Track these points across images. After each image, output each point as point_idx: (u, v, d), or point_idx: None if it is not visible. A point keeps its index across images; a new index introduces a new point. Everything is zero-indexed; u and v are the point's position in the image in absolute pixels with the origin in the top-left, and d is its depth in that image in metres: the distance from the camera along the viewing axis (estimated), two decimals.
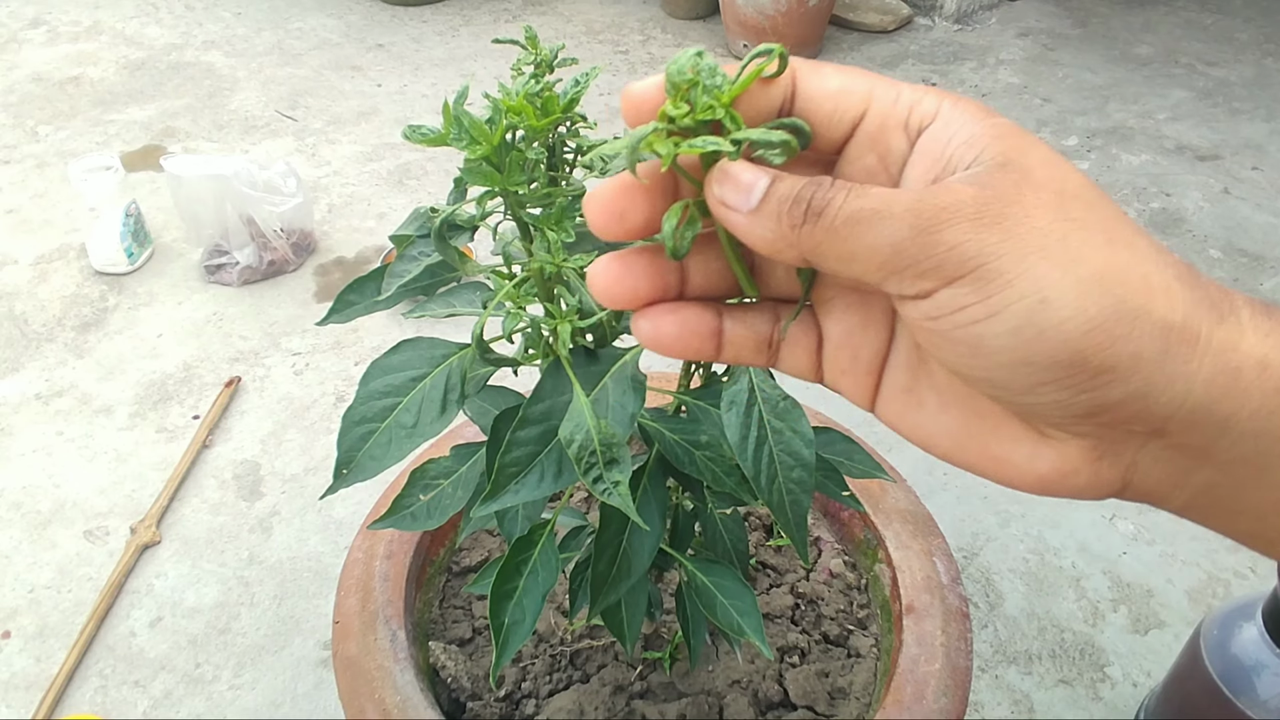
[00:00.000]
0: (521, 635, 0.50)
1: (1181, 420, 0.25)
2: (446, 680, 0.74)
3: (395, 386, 0.45)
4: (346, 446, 0.44)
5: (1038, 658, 1.09)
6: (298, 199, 1.64)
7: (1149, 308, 0.24)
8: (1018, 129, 0.27)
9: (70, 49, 2.42)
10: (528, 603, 0.50)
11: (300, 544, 1.21)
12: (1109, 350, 0.24)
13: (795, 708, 0.73)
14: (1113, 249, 0.25)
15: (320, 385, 1.44)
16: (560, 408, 0.41)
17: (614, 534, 0.50)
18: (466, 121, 0.35)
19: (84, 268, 1.67)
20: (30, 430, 1.37)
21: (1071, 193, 0.25)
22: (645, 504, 0.50)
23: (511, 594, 0.51)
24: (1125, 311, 0.24)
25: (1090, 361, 0.24)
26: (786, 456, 0.44)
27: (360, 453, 0.44)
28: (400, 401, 0.44)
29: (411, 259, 0.46)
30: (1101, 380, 0.24)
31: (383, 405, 0.44)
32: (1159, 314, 0.25)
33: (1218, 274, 1.70)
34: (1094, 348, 0.24)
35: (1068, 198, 0.25)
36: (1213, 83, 2.34)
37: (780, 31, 2.30)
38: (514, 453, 0.41)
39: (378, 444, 0.43)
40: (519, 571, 0.51)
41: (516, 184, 0.37)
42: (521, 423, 0.41)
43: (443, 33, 2.56)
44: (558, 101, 0.37)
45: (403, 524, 0.55)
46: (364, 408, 0.44)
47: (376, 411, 0.44)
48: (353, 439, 0.44)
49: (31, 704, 1.04)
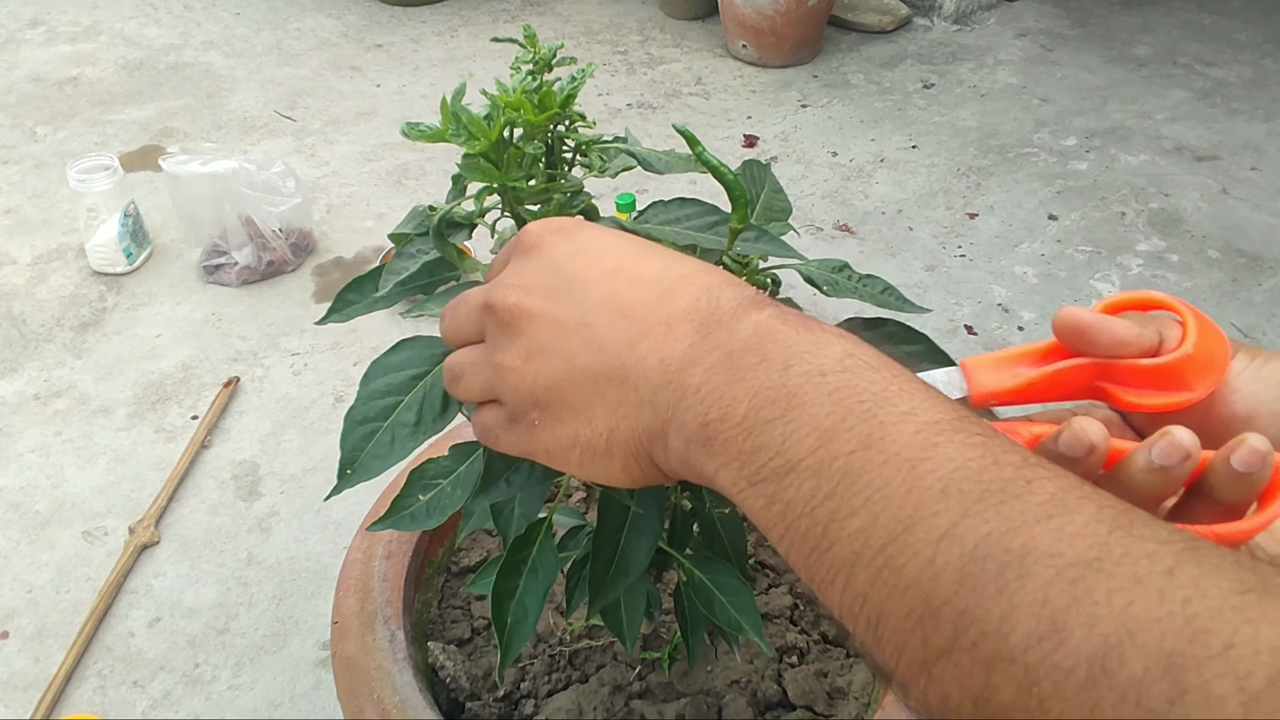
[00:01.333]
0: (525, 634, 0.49)
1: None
2: (445, 680, 0.74)
3: (396, 385, 0.44)
4: (350, 447, 0.44)
5: None
6: (296, 199, 1.64)
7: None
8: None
9: (69, 49, 2.42)
10: (529, 601, 0.50)
11: (299, 544, 1.21)
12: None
13: (794, 708, 0.73)
14: None
15: (319, 385, 1.44)
16: None
17: (612, 532, 0.50)
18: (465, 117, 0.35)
19: (82, 268, 1.67)
20: (29, 431, 1.37)
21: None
22: (643, 500, 0.50)
23: (513, 593, 0.51)
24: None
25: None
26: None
27: (364, 453, 0.44)
28: (402, 400, 0.44)
29: (410, 256, 0.45)
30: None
31: (384, 404, 0.44)
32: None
33: (1216, 274, 1.71)
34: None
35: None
36: (1211, 83, 2.34)
37: (779, 32, 2.30)
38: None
39: (381, 443, 0.43)
40: (518, 570, 0.51)
41: (515, 180, 0.37)
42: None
43: (441, 33, 2.56)
44: (555, 97, 0.37)
45: (402, 525, 0.55)
46: (365, 407, 0.44)
47: (378, 411, 0.44)
48: (355, 439, 0.44)
49: (30, 704, 1.04)
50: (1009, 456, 0.27)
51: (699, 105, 2.24)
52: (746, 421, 0.30)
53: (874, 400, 0.29)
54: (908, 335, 0.48)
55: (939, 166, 2.01)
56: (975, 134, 2.13)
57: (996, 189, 1.94)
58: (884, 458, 0.27)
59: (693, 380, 0.31)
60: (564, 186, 0.39)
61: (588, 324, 0.33)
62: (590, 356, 0.33)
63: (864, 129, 2.14)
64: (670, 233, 0.45)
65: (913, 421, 0.28)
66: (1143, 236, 1.80)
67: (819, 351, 0.30)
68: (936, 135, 2.12)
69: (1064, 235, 1.80)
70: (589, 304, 0.34)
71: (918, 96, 2.28)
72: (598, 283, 0.34)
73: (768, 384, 0.30)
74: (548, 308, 0.34)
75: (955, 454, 0.27)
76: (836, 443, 0.28)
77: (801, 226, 1.81)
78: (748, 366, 0.30)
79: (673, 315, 0.32)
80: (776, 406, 0.29)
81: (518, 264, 0.36)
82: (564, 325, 0.34)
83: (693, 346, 0.32)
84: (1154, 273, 1.71)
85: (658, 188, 1.87)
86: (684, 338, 0.32)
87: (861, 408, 0.28)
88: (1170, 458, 0.32)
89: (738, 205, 0.43)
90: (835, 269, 0.49)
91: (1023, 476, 0.26)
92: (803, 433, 0.29)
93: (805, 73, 2.38)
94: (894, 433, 0.28)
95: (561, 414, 0.34)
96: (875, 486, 0.27)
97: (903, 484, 0.27)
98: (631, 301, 0.33)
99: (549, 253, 0.35)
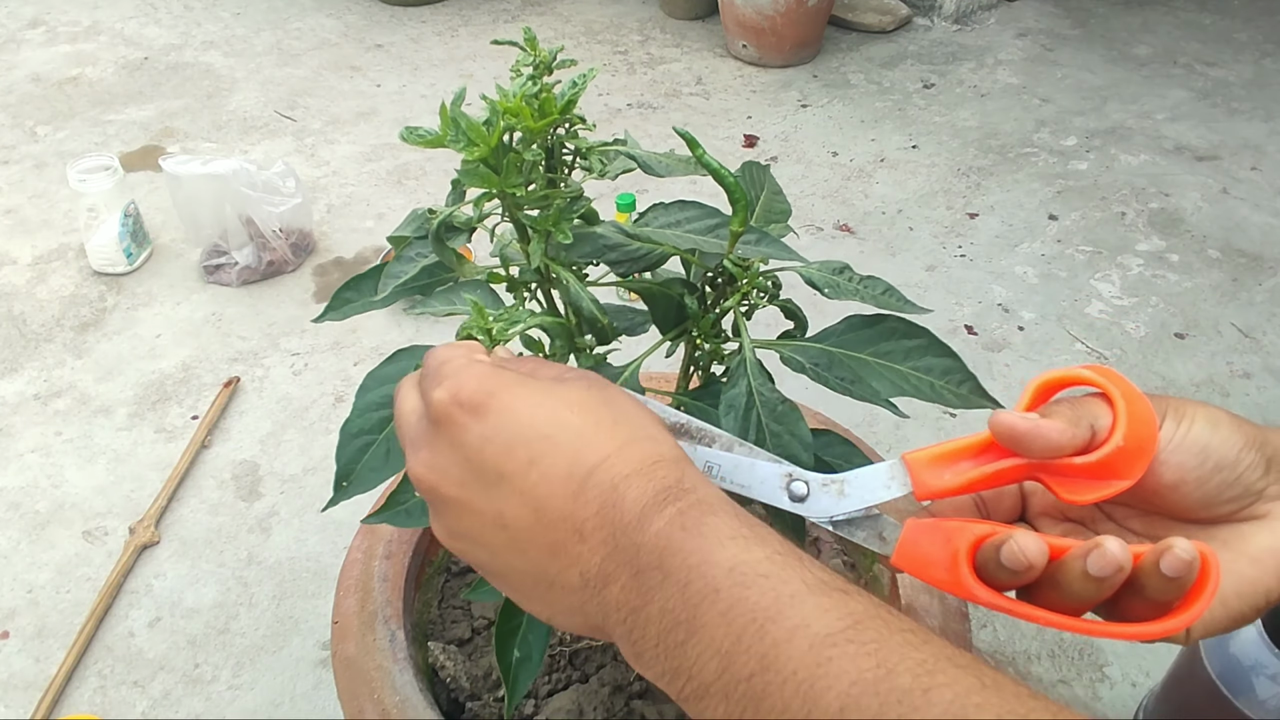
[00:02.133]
0: (530, 672, 0.49)
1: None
2: (445, 680, 0.74)
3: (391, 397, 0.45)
4: (345, 459, 0.44)
5: (1036, 658, 1.09)
6: (296, 199, 1.64)
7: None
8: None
9: (69, 49, 2.42)
10: (533, 639, 0.50)
11: (299, 544, 1.21)
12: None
13: None
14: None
15: (319, 385, 1.44)
16: None
17: None
18: (464, 123, 0.35)
19: (82, 268, 1.67)
20: (29, 430, 1.37)
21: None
22: None
23: (515, 631, 0.50)
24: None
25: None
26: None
27: (360, 465, 0.44)
28: None
29: (409, 260, 0.45)
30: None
31: (380, 417, 0.44)
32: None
33: (1216, 274, 1.71)
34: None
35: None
36: (1211, 83, 2.34)
37: (779, 32, 2.30)
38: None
39: (376, 455, 0.43)
40: (520, 609, 0.51)
41: (514, 186, 0.37)
42: None
43: (441, 33, 2.56)
44: (555, 103, 0.37)
45: (397, 520, 0.55)
46: (361, 420, 0.44)
47: (374, 423, 0.44)
48: (351, 451, 0.44)
49: (30, 704, 1.04)
50: (905, 664, 0.27)
51: (699, 105, 2.23)
52: (661, 644, 0.31)
53: (765, 616, 0.29)
54: (909, 330, 0.48)
55: (939, 166, 2.01)
56: (975, 134, 2.13)
57: (997, 189, 1.94)
58: (781, 678, 0.28)
59: (611, 598, 0.32)
60: (563, 193, 0.39)
61: (505, 526, 0.34)
62: (513, 558, 0.34)
63: (864, 129, 2.14)
64: (670, 236, 0.45)
65: (805, 636, 0.28)
66: (1143, 236, 1.80)
67: (712, 562, 0.30)
68: (937, 135, 2.12)
69: (1064, 235, 1.80)
70: (504, 503, 0.34)
71: (918, 96, 2.28)
72: (510, 479, 0.34)
73: (670, 605, 0.30)
74: (463, 497, 0.35)
75: (850, 667, 0.27)
76: (736, 666, 0.29)
77: (801, 226, 1.81)
78: (653, 586, 0.31)
79: (585, 523, 0.33)
80: (681, 629, 0.30)
81: (430, 437, 0.36)
82: (482, 519, 0.34)
83: (605, 560, 0.32)
84: (1154, 273, 1.71)
85: (658, 187, 1.87)
86: (597, 548, 0.33)
87: (754, 626, 0.29)
88: (1104, 570, 0.34)
89: (738, 208, 0.43)
90: (836, 270, 0.49)
91: (920, 685, 0.27)
92: (706, 656, 0.29)
93: (805, 73, 2.38)
94: (787, 651, 0.28)
95: (503, 586, 0.36)
96: (778, 710, 0.28)
97: (802, 706, 0.27)
98: (544, 502, 0.33)
99: (460, 436, 0.35)
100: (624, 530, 0.32)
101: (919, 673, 0.27)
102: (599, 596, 0.32)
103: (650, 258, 0.45)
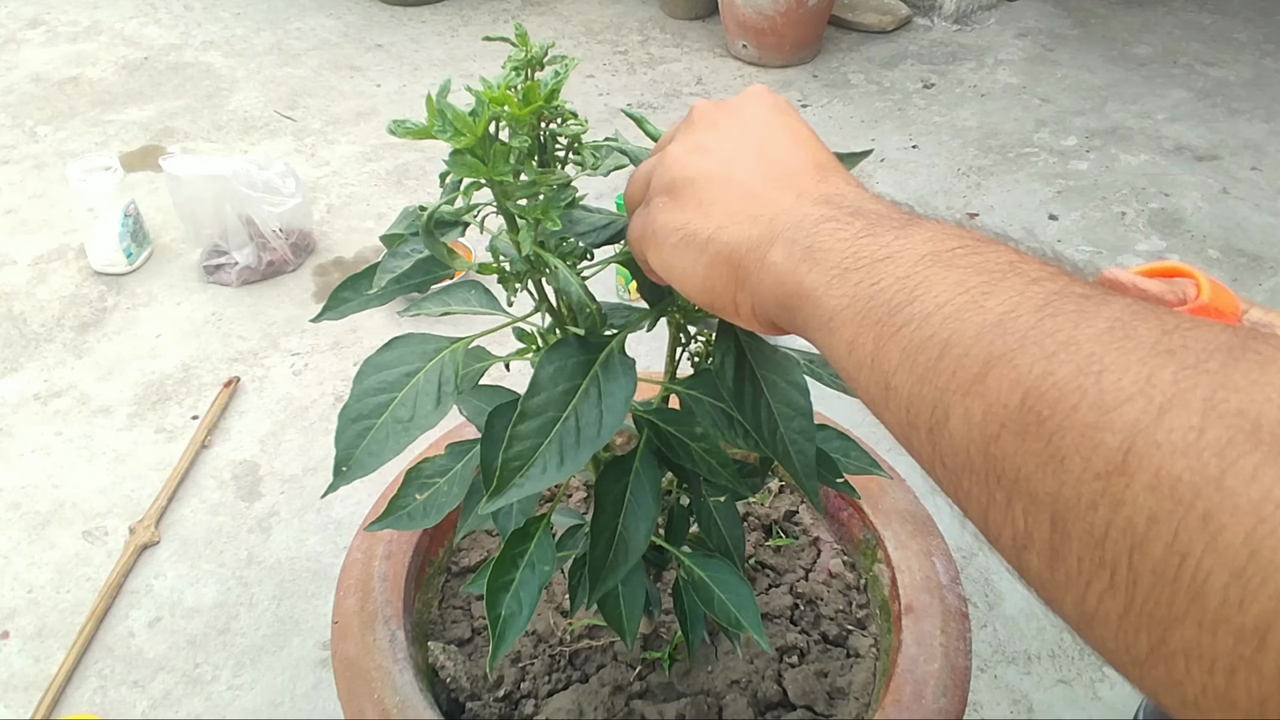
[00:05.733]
0: (518, 627, 0.49)
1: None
2: (445, 680, 0.74)
3: (389, 382, 0.45)
4: (344, 444, 0.44)
5: (1037, 657, 1.09)
6: (296, 199, 1.64)
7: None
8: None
9: (69, 49, 2.42)
10: (524, 595, 0.50)
11: (299, 544, 1.21)
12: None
13: (794, 708, 0.73)
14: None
15: (319, 385, 1.44)
16: (557, 399, 0.41)
17: (609, 518, 0.50)
18: (450, 114, 0.35)
19: (83, 268, 1.67)
20: (29, 430, 1.37)
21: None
22: (638, 486, 0.51)
23: (508, 586, 0.51)
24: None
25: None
26: (784, 407, 0.45)
27: (359, 449, 0.44)
28: (395, 397, 0.44)
29: (403, 255, 0.46)
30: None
31: (378, 401, 0.44)
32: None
33: (1216, 274, 1.70)
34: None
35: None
36: (1211, 83, 2.34)
37: (779, 32, 2.30)
38: (516, 447, 0.41)
39: (375, 439, 0.43)
40: (515, 564, 0.51)
41: (501, 174, 0.37)
42: (521, 417, 0.41)
43: (442, 33, 2.56)
44: (539, 90, 0.37)
45: (400, 524, 0.55)
46: (359, 405, 0.44)
47: (372, 408, 0.44)
48: (350, 436, 0.44)
49: (30, 704, 1.04)
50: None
51: None
52: (861, 235, 0.33)
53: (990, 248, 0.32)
54: None
55: (939, 166, 2.01)
56: (975, 134, 2.13)
57: (997, 189, 1.94)
58: (983, 260, 0.30)
59: (816, 212, 0.35)
60: (550, 179, 0.39)
61: (758, 149, 0.39)
62: (741, 169, 0.38)
63: (864, 129, 2.14)
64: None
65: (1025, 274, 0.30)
66: (1143, 236, 1.80)
67: (945, 227, 0.34)
68: (937, 135, 2.12)
69: (1064, 235, 1.80)
70: (767, 136, 0.39)
71: (918, 96, 2.28)
72: (777, 132, 0.40)
73: (894, 217, 0.34)
74: (729, 125, 0.40)
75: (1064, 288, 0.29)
76: (945, 246, 0.31)
77: None
78: (861, 227, 0.34)
79: (809, 178, 0.38)
80: (896, 221, 0.33)
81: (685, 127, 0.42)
82: (734, 141, 0.39)
83: (818, 202, 0.36)
84: None
85: None
86: (821, 196, 0.36)
87: (974, 243, 0.32)
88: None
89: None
90: None
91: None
92: (918, 238, 0.32)
93: (805, 73, 2.38)
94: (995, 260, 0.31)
95: (686, 204, 0.39)
96: (966, 268, 0.30)
97: (999, 268, 0.30)
98: (790, 160, 0.38)
99: (725, 107, 0.41)
100: (850, 205, 0.35)
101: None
102: (802, 210, 0.35)
103: (612, 228, 0.46)
